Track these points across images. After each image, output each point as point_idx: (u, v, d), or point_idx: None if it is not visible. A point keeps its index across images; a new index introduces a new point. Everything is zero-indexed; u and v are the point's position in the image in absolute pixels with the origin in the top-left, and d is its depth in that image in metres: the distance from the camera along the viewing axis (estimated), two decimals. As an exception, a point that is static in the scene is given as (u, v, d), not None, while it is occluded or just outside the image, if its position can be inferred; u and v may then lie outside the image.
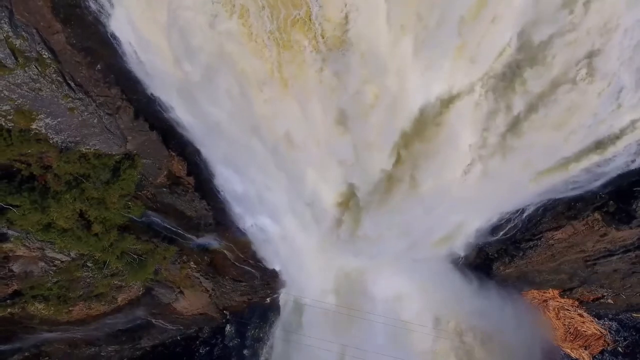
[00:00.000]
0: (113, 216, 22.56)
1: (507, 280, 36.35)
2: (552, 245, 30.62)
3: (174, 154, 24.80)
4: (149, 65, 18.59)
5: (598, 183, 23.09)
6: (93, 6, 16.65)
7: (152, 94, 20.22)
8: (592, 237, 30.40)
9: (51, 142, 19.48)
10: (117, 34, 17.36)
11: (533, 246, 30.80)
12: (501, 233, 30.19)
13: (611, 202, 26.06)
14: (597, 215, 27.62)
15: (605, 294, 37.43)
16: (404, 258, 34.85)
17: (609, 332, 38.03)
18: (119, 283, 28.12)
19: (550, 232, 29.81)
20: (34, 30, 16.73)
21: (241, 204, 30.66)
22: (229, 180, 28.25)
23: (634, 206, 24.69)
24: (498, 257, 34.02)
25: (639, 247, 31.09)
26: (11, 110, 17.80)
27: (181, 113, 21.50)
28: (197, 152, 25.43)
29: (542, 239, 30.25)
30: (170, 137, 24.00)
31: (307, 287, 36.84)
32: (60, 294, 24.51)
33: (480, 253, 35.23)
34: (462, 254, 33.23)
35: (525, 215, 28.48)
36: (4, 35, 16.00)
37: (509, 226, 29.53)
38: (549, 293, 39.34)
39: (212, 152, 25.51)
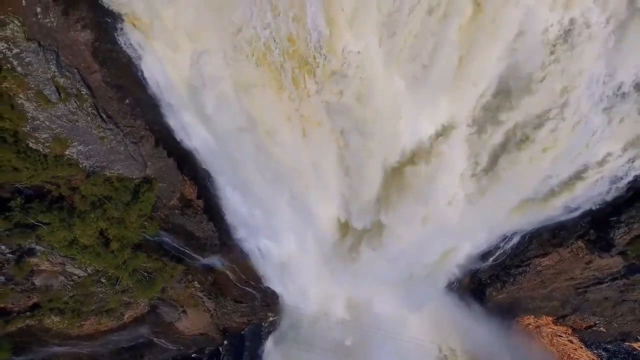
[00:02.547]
0: (130, 235, 24.99)
1: (501, 306, 38.19)
2: (541, 271, 32.75)
3: (186, 178, 27.51)
4: (171, 100, 21.52)
5: (576, 213, 25.65)
6: (127, 51, 19.71)
7: (171, 125, 23.08)
8: (578, 265, 32.57)
9: (80, 166, 22.17)
10: (146, 73, 20.36)
11: (522, 272, 32.93)
12: (491, 259, 32.40)
13: (592, 230, 28.45)
14: (580, 243, 29.95)
15: (597, 321, 39.04)
16: (400, 283, 36.83)
17: (600, 359, 39.49)
18: (128, 299, 30.18)
19: (537, 259, 32.02)
20: (76, 70, 19.75)
21: (245, 226, 33.04)
22: (235, 203, 30.75)
23: (611, 235, 27.08)
24: (490, 283, 36.03)
25: (625, 275, 33.13)
26: (49, 138, 20.59)
27: (196, 142, 24.32)
28: (208, 176, 28.11)
29: (531, 265, 32.43)
30: (184, 162, 26.75)
31: (306, 308, 38.63)
32: (75, 307, 26.59)
33: (473, 278, 37.29)
34: (455, 279, 35.32)
35: (513, 242, 30.83)
36: (51, 74, 18.99)
37: (498, 252, 31.80)
38: (543, 319, 41.03)
39: (221, 177, 28.16)
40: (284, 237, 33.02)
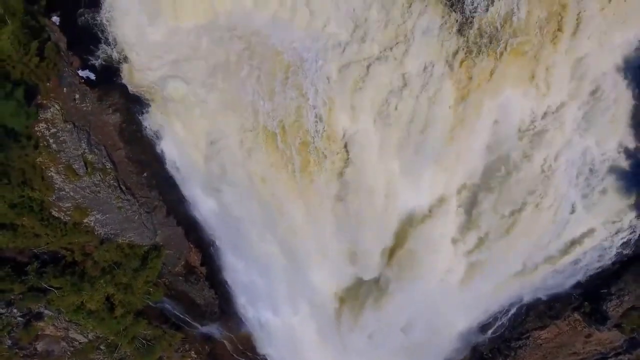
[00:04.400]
0: (135, 300, 26.37)
1: (506, 383, 37.84)
2: (541, 345, 33.18)
3: (192, 246, 29.45)
4: (186, 174, 24.27)
5: (567, 285, 27.29)
6: (150, 132, 22.81)
7: (183, 196, 25.61)
8: (578, 338, 33.12)
9: (96, 233, 24.29)
10: (165, 151, 23.31)
11: (522, 345, 33.33)
12: (490, 331, 33.07)
13: (586, 302, 29.64)
14: (576, 315, 30.86)
15: (608, 403, 38.32)
16: (399, 356, 37.05)
17: None
18: (125, 369, 30.62)
19: (536, 332, 32.65)
20: (103, 147, 22.71)
21: (245, 294, 34.25)
22: (236, 271, 32.30)
23: (604, 307, 28.27)
24: (492, 357, 36.12)
25: (628, 350, 33.42)
26: (71, 207, 22.97)
27: (204, 211, 26.69)
28: (212, 244, 30.07)
29: (530, 339, 32.95)
30: (191, 230, 28.86)
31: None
32: (72, 375, 27.18)
33: (474, 352, 37.41)
34: (455, 353, 35.62)
35: (510, 313, 31.82)
36: (82, 151, 21.88)
37: (497, 324, 32.58)
38: (550, 399, 40.27)
39: (225, 245, 30.10)
40: (284, 306, 34.06)
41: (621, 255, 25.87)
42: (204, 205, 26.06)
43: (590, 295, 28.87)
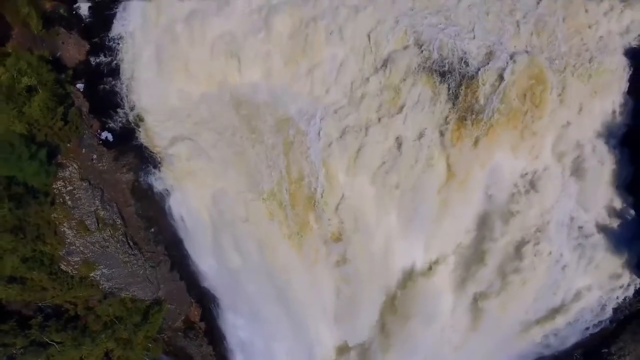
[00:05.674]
0: (134, 357, 26.69)
1: None
2: (546, 408, 32.77)
3: (193, 301, 30.15)
4: (191, 230, 25.62)
5: (568, 344, 27.76)
6: (160, 189, 24.45)
7: (187, 252, 26.77)
8: (584, 402, 32.79)
9: (100, 287, 25.20)
10: (173, 208, 24.78)
11: (527, 408, 32.91)
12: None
13: (587, 363, 29.86)
14: (580, 377, 30.88)
15: None
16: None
17: None
18: None
19: (541, 394, 32.41)
20: (114, 204, 24.26)
21: (243, 352, 34.29)
22: (235, 327, 32.59)
23: (606, 368, 28.49)
24: (498, 422, 35.42)
25: (638, 416, 32.98)
26: (79, 262, 24.10)
27: (207, 268, 27.72)
28: (213, 299, 30.71)
29: (535, 400, 32.64)
30: (193, 286, 29.68)
31: None
32: None
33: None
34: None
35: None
36: (95, 207, 23.43)
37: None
38: None
39: (225, 301, 30.76)
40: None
41: (617, 313, 26.62)
42: (207, 262, 27.04)
43: (592, 355, 29.14)
